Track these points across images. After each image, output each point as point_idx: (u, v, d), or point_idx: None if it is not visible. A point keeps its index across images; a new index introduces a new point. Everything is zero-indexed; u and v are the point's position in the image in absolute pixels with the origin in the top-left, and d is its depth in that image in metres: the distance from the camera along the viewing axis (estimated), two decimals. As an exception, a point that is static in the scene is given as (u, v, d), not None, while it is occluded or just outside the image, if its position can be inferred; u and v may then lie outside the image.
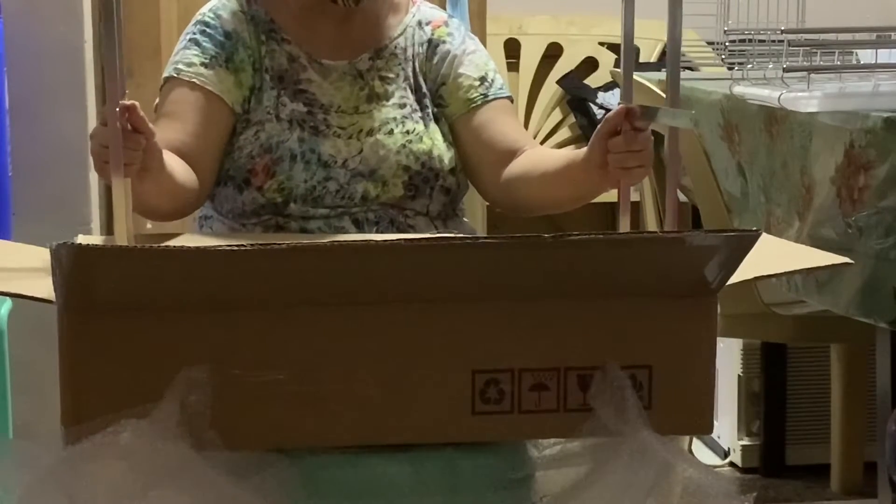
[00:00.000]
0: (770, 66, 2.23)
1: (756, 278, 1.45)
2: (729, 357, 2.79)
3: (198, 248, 1.19)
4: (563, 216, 2.02)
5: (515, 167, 1.77)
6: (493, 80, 1.83)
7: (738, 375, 2.80)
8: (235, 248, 1.17)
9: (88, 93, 2.54)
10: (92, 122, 2.54)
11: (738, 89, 2.25)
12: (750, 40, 2.35)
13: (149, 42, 2.89)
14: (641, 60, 3.47)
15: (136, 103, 1.47)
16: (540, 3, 3.78)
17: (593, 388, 1.28)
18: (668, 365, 1.30)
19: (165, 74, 1.77)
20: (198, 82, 1.74)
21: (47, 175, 2.47)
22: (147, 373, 1.23)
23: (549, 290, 1.27)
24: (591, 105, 3.53)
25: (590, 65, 3.72)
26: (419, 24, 1.84)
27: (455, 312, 1.26)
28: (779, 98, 2.04)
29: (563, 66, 3.65)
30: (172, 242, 1.53)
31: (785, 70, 2.07)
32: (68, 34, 2.49)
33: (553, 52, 3.68)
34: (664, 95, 1.52)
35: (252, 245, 1.17)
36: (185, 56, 1.77)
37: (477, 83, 1.82)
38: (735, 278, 1.31)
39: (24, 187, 2.41)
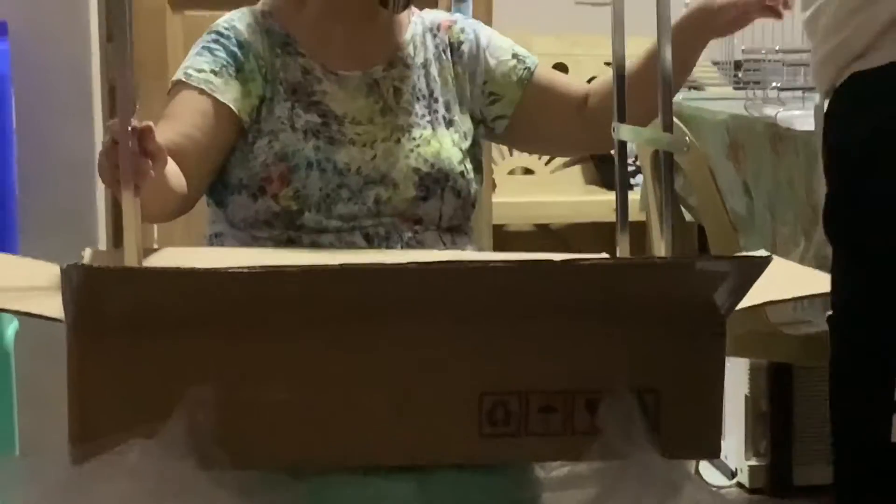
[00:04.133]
0: (773, 86, 2.24)
1: (764, 303, 1.45)
2: (736, 377, 2.79)
3: (206, 269, 1.19)
4: (572, 235, 2.03)
5: (603, 91, 1.82)
6: (521, 53, 1.89)
7: (745, 395, 2.80)
8: (245, 269, 1.17)
9: (95, 110, 2.55)
10: (98, 139, 2.54)
11: (744, 108, 2.26)
12: (756, 60, 2.36)
13: (155, 62, 2.90)
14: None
15: (151, 125, 1.47)
16: (545, 23, 3.79)
17: (601, 411, 1.28)
18: (677, 389, 1.30)
19: (174, 78, 1.78)
20: (205, 88, 1.75)
21: (54, 191, 2.48)
22: (155, 392, 1.23)
23: (558, 313, 1.27)
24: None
25: (595, 84, 3.72)
26: (428, 30, 1.87)
27: (463, 334, 1.26)
28: (776, 116, 2.05)
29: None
30: (181, 261, 1.53)
31: (780, 89, 2.08)
32: (75, 52, 2.50)
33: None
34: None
35: (261, 267, 1.17)
36: (195, 62, 1.78)
37: (514, 62, 1.88)
38: (744, 303, 1.31)
39: (31, 203, 2.42)
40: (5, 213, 2.34)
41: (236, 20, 1.81)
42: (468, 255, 1.76)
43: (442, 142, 1.79)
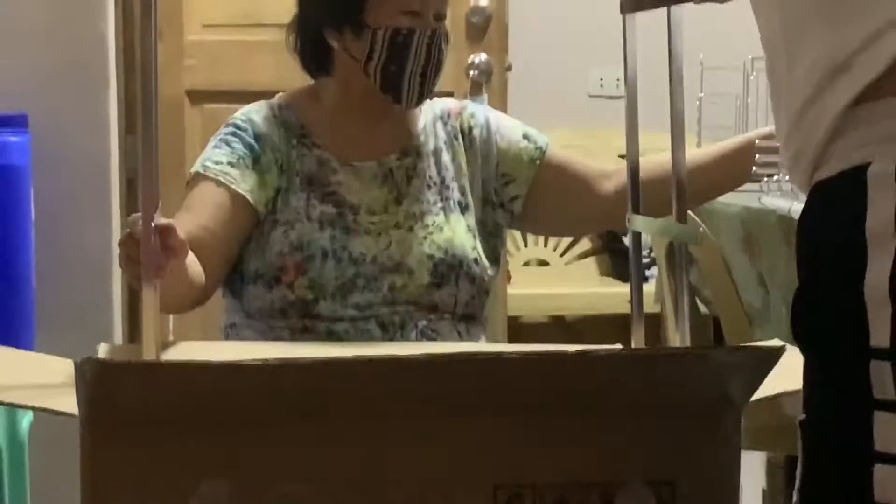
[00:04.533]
0: (786, 178, 2.24)
1: (779, 394, 1.45)
2: (752, 471, 2.76)
3: (219, 363, 1.19)
4: (586, 326, 2.05)
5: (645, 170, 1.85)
6: (531, 134, 1.93)
7: (763, 490, 2.77)
8: (258, 363, 1.17)
9: (113, 204, 2.57)
10: (116, 233, 2.56)
11: (757, 200, 2.27)
12: (771, 150, 2.37)
13: (173, 155, 2.93)
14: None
15: (172, 223, 1.48)
16: (561, 116, 3.82)
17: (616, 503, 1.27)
18: (692, 481, 1.29)
19: (193, 170, 1.80)
20: (223, 180, 1.77)
21: (71, 284, 2.49)
22: (168, 486, 1.22)
23: (572, 405, 1.26)
24: (611, 215, 3.55)
25: (609, 176, 3.74)
26: (438, 117, 1.89)
27: (477, 427, 1.26)
28: (789, 210, 2.05)
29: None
30: (196, 356, 1.53)
31: (788, 181, 2.08)
32: (94, 145, 2.53)
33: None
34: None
35: (276, 360, 1.17)
36: (213, 154, 1.80)
37: (525, 142, 1.92)
38: (759, 394, 1.30)
39: (48, 296, 2.43)
40: (22, 306, 2.35)
41: (253, 113, 1.84)
42: (480, 346, 1.76)
43: (455, 228, 1.82)
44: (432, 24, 1.82)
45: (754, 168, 1.81)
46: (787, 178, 1.90)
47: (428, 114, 1.91)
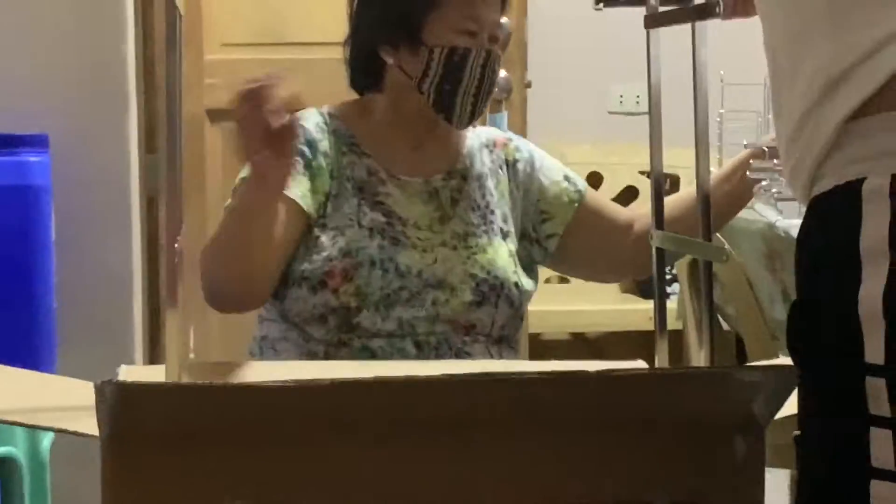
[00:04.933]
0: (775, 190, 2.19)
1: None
2: (777, 488, 2.75)
3: (240, 384, 1.19)
4: (608, 343, 2.05)
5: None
6: (572, 176, 1.95)
7: (787, 507, 2.75)
8: (279, 384, 1.17)
9: (133, 222, 2.57)
10: (137, 253, 2.56)
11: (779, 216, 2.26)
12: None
13: (195, 175, 2.94)
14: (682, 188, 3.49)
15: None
16: (581, 132, 3.82)
17: (641, 524, 1.26)
18: (718, 499, 1.28)
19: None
20: None
21: (92, 303, 2.50)
22: (189, 507, 1.22)
23: (595, 424, 1.25)
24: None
25: (630, 193, 3.74)
26: (484, 145, 1.91)
27: (499, 446, 1.25)
28: (774, 223, 2.03)
29: (603, 195, 3.67)
30: (218, 376, 1.54)
31: (777, 199, 2.05)
32: (114, 164, 2.54)
33: (593, 181, 3.71)
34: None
35: (294, 381, 1.17)
36: None
37: (565, 183, 1.94)
38: (783, 412, 1.29)
39: (69, 315, 2.43)
40: (43, 326, 2.35)
41: (304, 119, 1.84)
42: (502, 364, 1.76)
43: (498, 251, 1.83)
44: (487, 45, 1.83)
45: (748, 172, 1.81)
46: (776, 189, 1.89)
47: (474, 140, 1.92)
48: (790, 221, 2.08)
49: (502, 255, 1.84)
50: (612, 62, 3.87)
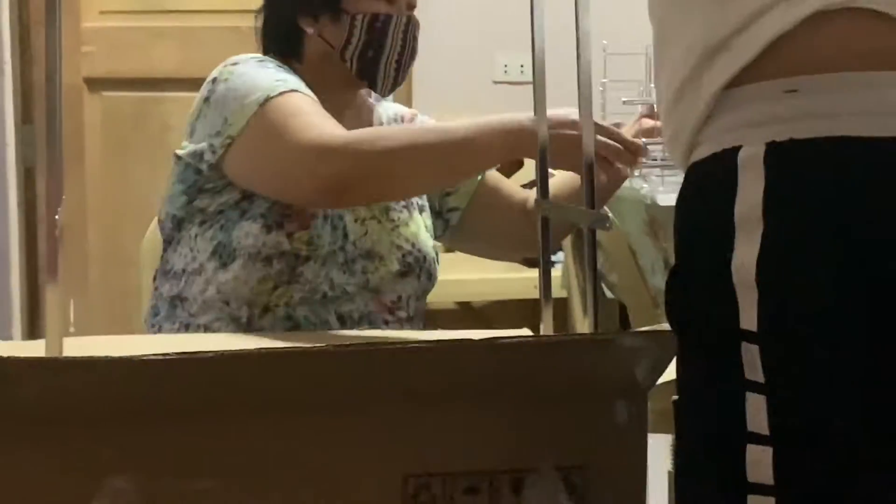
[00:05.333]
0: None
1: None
2: (659, 453, 2.79)
3: (120, 357, 1.17)
4: (494, 312, 2.08)
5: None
6: None
7: (669, 471, 2.80)
8: (161, 357, 1.15)
9: (10, 196, 2.52)
10: (14, 226, 2.51)
11: (661, 185, 2.28)
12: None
13: (73, 144, 2.88)
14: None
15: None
16: (465, 102, 3.82)
17: (526, 490, 1.27)
18: (601, 465, 1.30)
19: (260, 96, 1.75)
20: (305, 91, 1.77)
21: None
22: (71, 485, 1.20)
23: (480, 393, 1.26)
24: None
25: (516, 163, 3.74)
26: (392, 119, 1.93)
27: (386, 416, 1.25)
28: (641, 191, 2.06)
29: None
30: (99, 350, 1.51)
31: (643, 167, 2.07)
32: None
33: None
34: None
35: (176, 354, 1.16)
36: (271, 75, 1.77)
37: None
38: (665, 377, 1.31)
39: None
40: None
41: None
42: (386, 334, 1.77)
43: (419, 225, 1.86)
44: (405, 11, 1.85)
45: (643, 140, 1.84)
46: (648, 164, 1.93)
47: (382, 114, 1.94)
48: (670, 195, 2.10)
49: (423, 229, 1.88)
50: (496, 32, 3.88)
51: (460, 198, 1.96)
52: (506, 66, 4.01)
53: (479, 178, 1.96)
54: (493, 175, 1.99)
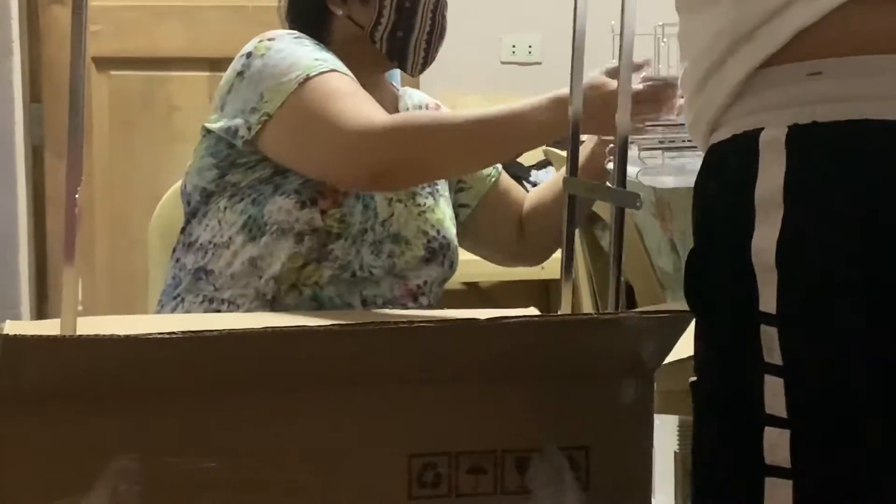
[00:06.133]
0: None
1: (690, 358, 1.46)
2: (665, 434, 2.79)
3: (126, 336, 1.17)
4: (500, 292, 2.08)
5: (534, 197, 1.98)
6: None
7: (675, 452, 2.80)
8: (167, 336, 1.16)
9: (19, 174, 2.52)
10: (23, 204, 2.51)
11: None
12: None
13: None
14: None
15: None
16: (471, 83, 3.82)
17: (531, 470, 1.28)
18: (606, 445, 1.30)
19: (304, 74, 1.73)
20: (343, 71, 1.76)
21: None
22: (76, 463, 1.21)
23: (486, 373, 1.26)
24: (526, 183, 3.57)
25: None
26: (416, 107, 1.95)
27: (391, 396, 1.26)
28: (636, 175, 2.05)
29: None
30: (108, 329, 1.51)
31: (641, 149, 2.07)
32: (-2, 115, 2.48)
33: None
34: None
35: (184, 333, 1.16)
36: (309, 53, 1.76)
37: None
38: (670, 357, 1.31)
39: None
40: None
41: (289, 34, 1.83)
42: (393, 314, 1.77)
43: (444, 213, 1.87)
44: None
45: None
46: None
47: (407, 102, 1.94)
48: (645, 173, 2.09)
49: (447, 216, 1.88)
50: (504, 13, 3.87)
51: (472, 195, 1.97)
52: (514, 46, 4.00)
53: (493, 180, 1.96)
54: (507, 178, 2.00)
